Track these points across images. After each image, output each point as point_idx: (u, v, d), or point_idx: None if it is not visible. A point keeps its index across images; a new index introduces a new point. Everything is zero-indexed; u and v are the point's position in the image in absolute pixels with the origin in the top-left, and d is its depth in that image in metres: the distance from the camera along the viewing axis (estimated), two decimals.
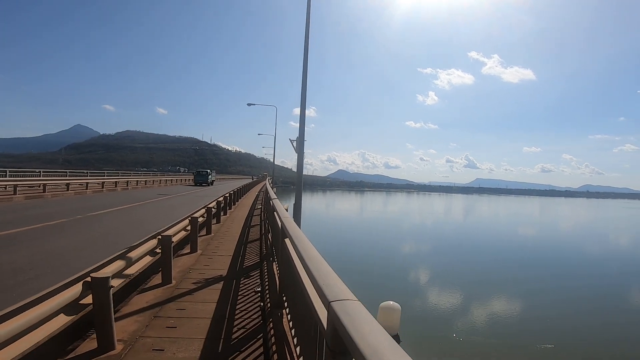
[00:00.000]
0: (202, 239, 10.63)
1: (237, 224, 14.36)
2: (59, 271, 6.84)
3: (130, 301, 5.80)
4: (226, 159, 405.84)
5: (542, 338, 14.18)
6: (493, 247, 37.01)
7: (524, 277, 23.95)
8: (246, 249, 9.56)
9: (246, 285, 6.61)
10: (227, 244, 10.21)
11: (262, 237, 11.03)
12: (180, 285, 6.47)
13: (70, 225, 12.22)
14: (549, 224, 71.33)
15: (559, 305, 18.57)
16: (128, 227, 12.84)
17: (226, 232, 12.12)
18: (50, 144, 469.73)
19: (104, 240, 10.23)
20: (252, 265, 7.98)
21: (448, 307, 17.99)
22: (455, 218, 77.15)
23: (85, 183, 26.47)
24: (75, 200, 20.89)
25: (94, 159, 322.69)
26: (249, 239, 11.07)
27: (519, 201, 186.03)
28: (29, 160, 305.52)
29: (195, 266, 7.75)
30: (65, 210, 15.86)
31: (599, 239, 50.08)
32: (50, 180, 22.76)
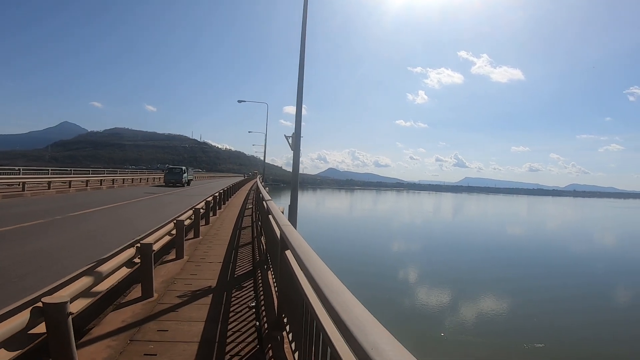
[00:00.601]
0: (189, 242, 9.82)
1: (228, 225, 13.54)
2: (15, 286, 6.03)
3: (104, 320, 4.99)
4: (216, 156, 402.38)
5: (531, 337, 13.96)
6: (482, 245, 36.77)
7: (513, 276, 23.68)
8: (237, 255, 8.76)
9: (238, 299, 5.83)
10: (216, 248, 9.40)
11: (255, 240, 10.24)
12: (163, 300, 5.67)
13: (46, 227, 11.32)
14: (537, 222, 71.67)
15: (548, 304, 18.31)
16: (110, 229, 11.97)
17: (215, 235, 11.30)
18: (36, 141, 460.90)
19: (81, 244, 9.37)
20: (245, 275, 7.19)
21: (436, 305, 17.68)
22: (444, 217, 77.14)
23: (68, 181, 25.34)
24: (56, 199, 19.86)
25: (81, 157, 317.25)
26: (241, 243, 10.27)
27: (507, 200, 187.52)
28: (15, 158, 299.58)
29: (180, 275, 6.94)
30: (43, 210, 14.89)
31: (587, 237, 50.33)
32: (30, 178, 21.64)
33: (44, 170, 25.35)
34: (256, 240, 10.04)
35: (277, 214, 5.41)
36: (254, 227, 12.72)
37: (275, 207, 6.28)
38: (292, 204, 9.27)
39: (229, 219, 15.07)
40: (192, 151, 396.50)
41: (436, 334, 13.88)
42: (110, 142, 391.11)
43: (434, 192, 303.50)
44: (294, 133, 9.01)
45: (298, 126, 9.09)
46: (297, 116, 9.18)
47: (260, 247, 8.94)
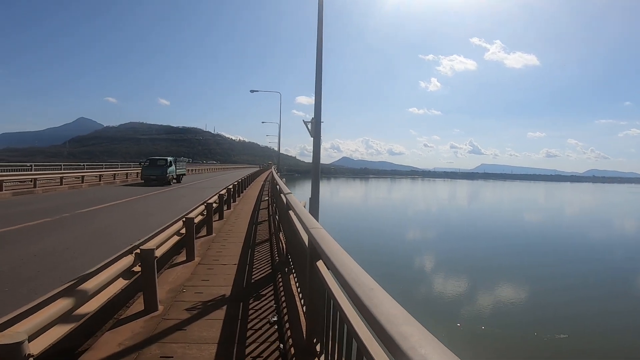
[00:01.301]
0: (201, 241, 9.01)
1: (243, 220, 12.71)
2: None
3: (98, 342, 4.19)
4: (230, 148, 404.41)
5: (554, 327, 13.19)
6: (500, 233, 35.62)
7: (534, 264, 22.72)
8: (254, 255, 7.90)
9: (257, 312, 4.96)
10: (231, 247, 8.56)
11: (272, 237, 9.37)
12: (169, 314, 4.83)
13: (53, 226, 10.66)
14: (555, 209, 69.50)
15: (569, 293, 17.38)
16: (119, 227, 11.24)
17: (230, 232, 10.47)
18: (54, 138, 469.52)
19: (87, 244, 8.63)
20: (263, 280, 6.32)
21: (451, 295, 16.97)
22: (460, 204, 75.39)
23: (81, 176, 24.89)
24: (68, 195, 19.35)
25: (98, 152, 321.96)
26: (257, 240, 9.42)
27: (524, 186, 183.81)
28: (34, 154, 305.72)
29: (190, 282, 6.10)
30: (52, 207, 14.30)
31: (608, 224, 48.60)
32: (41, 174, 21.14)
33: (56, 166, 24.91)
34: (274, 237, 9.17)
35: (301, 212, 4.48)
36: (271, 221, 11.88)
37: (297, 203, 5.36)
38: (313, 196, 8.37)
39: (244, 213, 14.26)
40: (206, 143, 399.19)
41: (452, 324, 13.13)
42: (126, 137, 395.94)
43: (449, 179, 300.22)
44: (314, 118, 8.05)
45: (318, 111, 8.12)
46: (316, 100, 8.20)
47: (279, 246, 8.07)
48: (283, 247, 7.85)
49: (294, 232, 5.29)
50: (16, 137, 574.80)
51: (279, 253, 7.56)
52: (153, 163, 29.59)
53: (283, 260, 6.76)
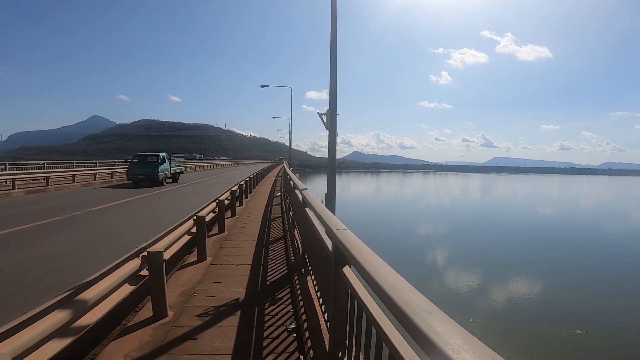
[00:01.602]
0: (213, 240, 8.69)
1: (255, 217, 12.38)
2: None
3: (103, 352, 3.88)
4: (241, 144, 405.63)
5: (571, 323, 12.85)
6: (514, 227, 34.82)
7: (548, 259, 22.11)
8: (268, 254, 7.54)
9: (273, 318, 4.60)
10: (244, 246, 8.22)
11: (287, 234, 9.02)
12: (180, 321, 4.49)
13: (62, 225, 10.46)
14: (571, 202, 67.96)
15: (586, 288, 16.92)
16: (130, 225, 10.99)
17: (242, 229, 10.14)
18: (69, 136, 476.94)
19: (96, 245, 8.36)
20: (279, 281, 5.96)
21: (463, 289, 16.59)
22: (473, 198, 74.24)
23: (93, 174, 24.86)
24: (80, 193, 19.26)
25: (111, 149, 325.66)
26: (271, 237, 9.06)
27: (538, 180, 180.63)
28: (49, 153, 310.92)
29: (202, 284, 5.77)
30: (63, 206, 14.17)
31: (625, 217, 47.36)
32: (53, 172, 21.11)
33: (68, 163, 24.93)
34: (288, 235, 8.81)
35: (321, 211, 4.10)
36: (285, 217, 11.53)
37: (314, 200, 4.98)
38: (330, 191, 7.95)
39: (257, 210, 13.93)
40: (217, 140, 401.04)
41: (463, 320, 12.42)
42: (138, 134, 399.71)
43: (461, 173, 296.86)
44: (329, 110, 7.63)
45: (333, 102, 7.67)
46: (330, 90, 7.76)
47: (294, 244, 7.71)
48: (298, 245, 7.49)
49: (311, 231, 4.93)
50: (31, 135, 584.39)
51: (294, 252, 7.20)
52: (142, 160, 25.23)
53: (299, 260, 6.39)
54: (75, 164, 25.54)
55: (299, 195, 6.33)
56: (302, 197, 5.99)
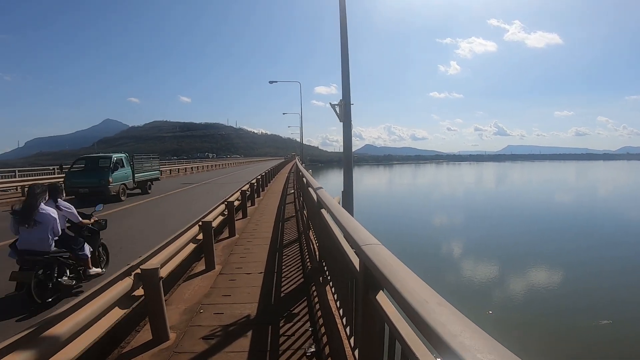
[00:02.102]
0: (223, 245, 8.15)
1: (268, 216, 11.83)
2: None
3: None
4: (252, 141, 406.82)
5: (596, 314, 12.16)
6: (532, 216, 33.35)
7: (569, 248, 21.12)
8: (282, 260, 6.96)
9: (289, 338, 4.01)
10: (255, 250, 7.65)
11: (301, 237, 8.41)
12: (182, 345, 3.92)
13: None
14: (590, 188, 65.51)
15: (613, 278, 15.97)
16: (132, 234, 10.52)
17: (254, 231, 9.58)
18: (83, 140, 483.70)
19: None
20: (294, 293, 5.37)
21: (481, 280, 15.94)
22: (488, 187, 72.62)
23: None
24: None
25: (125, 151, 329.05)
26: (285, 240, 8.49)
27: (554, 166, 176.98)
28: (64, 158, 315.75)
29: (209, 298, 5.21)
30: None
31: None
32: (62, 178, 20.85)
33: None
34: (303, 237, 8.21)
35: (343, 219, 3.48)
36: (299, 217, 10.94)
37: (332, 203, 4.37)
38: (346, 188, 7.33)
39: (269, 209, 13.37)
40: (229, 138, 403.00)
41: (481, 312, 12.07)
42: (151, 135, 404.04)
43: (475, 162, 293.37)
44: (342, 100, 6.98)
45: (346, 91, 7.01)
46: (343, 79, 7.08)
47: (310, 247, 7.10)
48: (314, 248, 6.89)
49: (329, 236, 4.33)
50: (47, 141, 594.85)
51: (310, 256, 6.60)
52: (88, 165, 18.29)
53: (316, 267, 5.79)
54: None
55: (314, 195, 5.72)
56: (316, 197, 5.38)
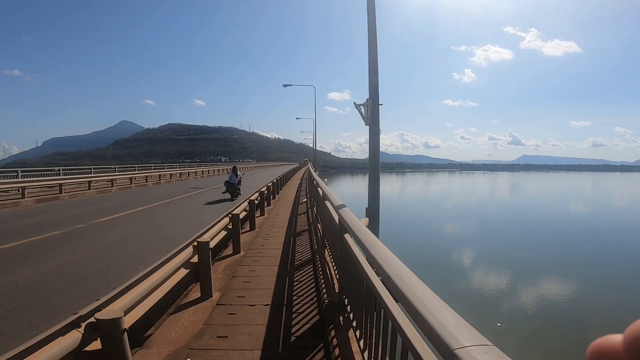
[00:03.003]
0: (225, 264, 7.08)
1: (278, 229, 10.74)
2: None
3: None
4: (265, 146, 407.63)
5: (614, 329, 10.65)
6: (547, 228, 32.10)
7: (588, 261, 20.21)
8: (293, 287, 5.82)
9: None
10: (262, 273, 6.56)
11: (316, 257, 7.32)
12: None
13: (57, 241, 9.12)
14: (609, 201, 63.41)
15: (631, 295, 15.22)
16: (135, 242, 9.52)
17: (262, 247, 8.47)
18: (99, 141, 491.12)
19: (88, 269, 6.91)
20: (309, 334, 4.25)
21: (492, 292, 15.37)
22: (502, 197, 70.76)
23: (111, 180, 23.86)
24: (93, 201, 18.14)
25: (140, 153, 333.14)
26: (296, 261, 7.36)
27: (570, 177, 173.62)
28: (81, 158, 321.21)
29: (201, 339, 4.13)
30: (69, 216, 12.95)
31: None
32: (67, 179, 20.16)
33: (86, 169, 24.01)
34: (318, 257, 7.12)
35: (380, 255, 2.39)
36: (312, 231, 9.84)
37: (362, 231, 3.28)
38: (372, 205, 6.21)
39: (280, 220, 12.28)
40: (242, 142, 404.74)
41: (492, 324, 11.50)
42: (166, 138, 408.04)
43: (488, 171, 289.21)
44: (369, 99, 5.89)
45: (374, 89, 5.92)
46: (370, 75, 6.01)
47: (327, 274, 6.00)
48: (331, 274, 5.80)
49: (355, 268, 3.27)
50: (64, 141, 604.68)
51: (327, 286, 5.49)
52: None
53: (335, 303, 4.69)
54: (92, 169, 24.61)
55: (334, 216, 4.63)
56: (338, 218, 4.29)
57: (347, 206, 4.49)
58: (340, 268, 4.45)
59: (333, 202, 5.09)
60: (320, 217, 8.29)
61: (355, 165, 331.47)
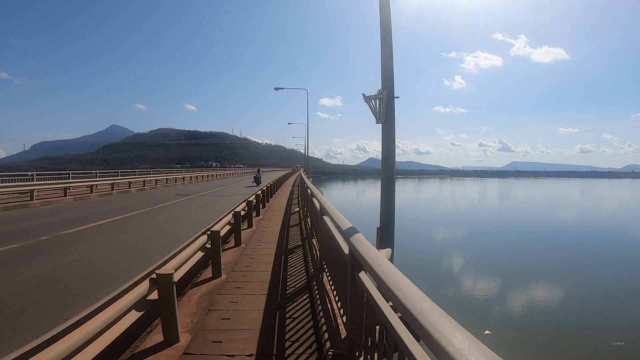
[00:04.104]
0: (202, 291, 5.82)
1: (268, 243, 9.42)
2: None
3: None
4: (256, 151, 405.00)
5: (608, 335, 11.66)
6: (536, 233, 32.43)
7: (579, 266, 20.37)
8: (284, 331, 4.57)
9: None
10: (248, 306, 5.23)
11: (312, 282, 6.09)
12: None
13: (11, 257, 7.80)
14: (597, 207, 64.07)
15: (626, 298, 15.42)
16: (103, 258, 8.19)
17: (248, 270, 7.07)
18: (88, 145, 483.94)
19: (43, 292, 5.61)
20: None
21: (479, 300, 15.16)
22: (492, 203, 70.61)
23: (90, 186, 22.34)
24: (68, 209, 16.69)
25: (129, 158, 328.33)
26: (289, 288, 6.09)
27: (559, 184, 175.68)
28: (69, 162, 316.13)
29: None
30: (34, 227, 11.57)
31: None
32: (40, 185, 18.66)
33: (64, 174, 22.47)
34: (315, 285, 5.89)
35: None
36: (306, 247, 8.59)
37: (388, 271, 2.11)
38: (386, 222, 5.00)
39: (270, 233, 10.93)
40: (233, 147, 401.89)
41: (477, 332, 10.52)
42: (156, 143, 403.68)
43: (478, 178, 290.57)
44: (382, 90, 4.70)
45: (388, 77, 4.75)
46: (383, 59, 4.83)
47: (327, 309, 4.78)
48: (333, 311, 4.60)
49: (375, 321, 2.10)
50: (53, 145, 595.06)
51: (329, 330, 4.28)
52: None
53: (343, 357, 3.47)
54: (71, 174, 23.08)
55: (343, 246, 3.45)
56: (349, 249, 3.11)
57: (359, 231, 3.29)
58: (351, 312, 3.25)
59: (338, 222, 3.89)
60: (316, 233, 7.09)
61: (346, 171, 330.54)
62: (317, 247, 6.85)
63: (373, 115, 4.74)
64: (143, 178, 29.75)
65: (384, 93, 4.63)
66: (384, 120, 4.69)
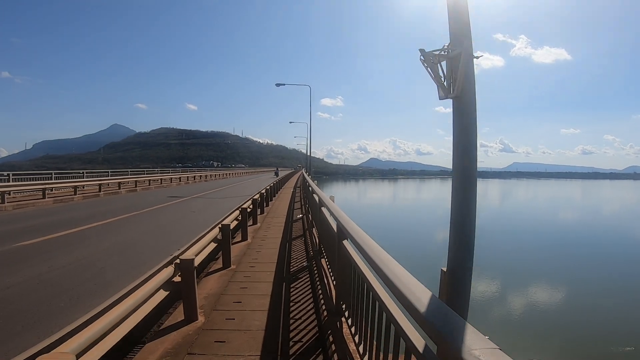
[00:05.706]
0: (164, 345, 4.00)
1: (265, 265, 7.43)
2: None
3: None
4: (258, 151, 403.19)
5: (618, 340, 11.18)
6: (544, 235, 31.50)
7: (588, 268, 19.92)
8: None
9: None
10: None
11: (326, 336, 4.24)
12: None
13: None
14: (600, 208, 63.15)
15: (632, 300, 14.89)
16: (68, 277, 6.37)
17: (237, 309, 5.07)
18: (90, 144, 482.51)
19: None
20: None
21: (480, 301, 14.32)
22: (494, 204, 68.83)
23: (73, 187, 20.46)
24: (44, 212, 14.93)
25: (131, 157, 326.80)
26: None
27: (561, 185, 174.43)
28: (71, 161, 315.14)
29: None
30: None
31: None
32: (13, 186, 16.87)
33: (45, 174, 20.66)
34: (332, 338, 4.05)
35: None
36: (312, 270, 6.73)
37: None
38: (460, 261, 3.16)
39: (267, 249, 8.99)
40: (234, 147, 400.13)
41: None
42: (157, 142, 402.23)
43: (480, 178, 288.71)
44: (449, 46, 2.84)
45: (461, 29, 2.92)
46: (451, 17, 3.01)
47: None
48: None
49: None
50: (55, 144, 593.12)
51: None
52: None
53: None
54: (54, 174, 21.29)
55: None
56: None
57: None
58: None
59: (360, 240, 2.21)
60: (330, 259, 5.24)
61: (348, 171, 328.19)
62: (333, 278, 5.05)
63: (436, 84, 2.89)
64: (135, 178, 27.89)
65: (456, 50, 2.79)
66: (458, 94, 2.81)
